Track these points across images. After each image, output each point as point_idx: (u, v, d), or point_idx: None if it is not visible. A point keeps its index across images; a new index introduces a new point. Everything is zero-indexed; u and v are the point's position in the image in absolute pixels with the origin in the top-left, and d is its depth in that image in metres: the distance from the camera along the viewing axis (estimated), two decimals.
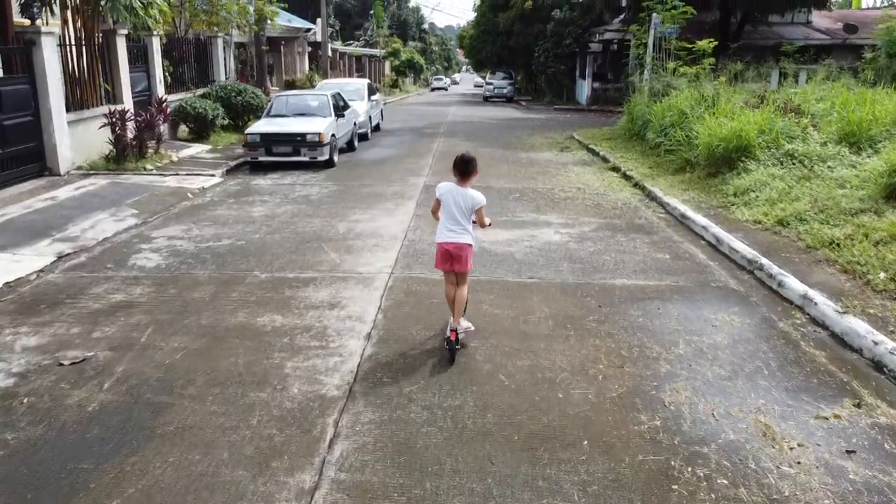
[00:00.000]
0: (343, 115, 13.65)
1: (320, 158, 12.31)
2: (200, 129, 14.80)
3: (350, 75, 39.98)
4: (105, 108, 11.50)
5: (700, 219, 8.41)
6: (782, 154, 10.02)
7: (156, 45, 13.86)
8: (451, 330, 4.59)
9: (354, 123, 15.29)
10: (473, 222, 4.72)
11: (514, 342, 4.87)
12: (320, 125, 12.47)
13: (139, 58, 13.66)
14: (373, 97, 18.15)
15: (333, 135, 12.86)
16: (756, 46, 26.10)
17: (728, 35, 25.60)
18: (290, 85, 32.20)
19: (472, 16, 52.20)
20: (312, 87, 33.16)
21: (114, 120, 11.07)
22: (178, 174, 11.35)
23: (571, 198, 10.19)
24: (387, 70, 56.69)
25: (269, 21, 18.71)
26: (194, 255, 6.98)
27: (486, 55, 43.25)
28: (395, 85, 52.62)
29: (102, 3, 10.95)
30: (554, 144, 17.08)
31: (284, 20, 35.33)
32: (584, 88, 32.34)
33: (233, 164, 12.56)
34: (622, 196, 10.39)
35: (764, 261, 6.60)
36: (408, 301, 5.68)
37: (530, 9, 35.21)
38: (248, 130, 12.48)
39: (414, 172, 12.29)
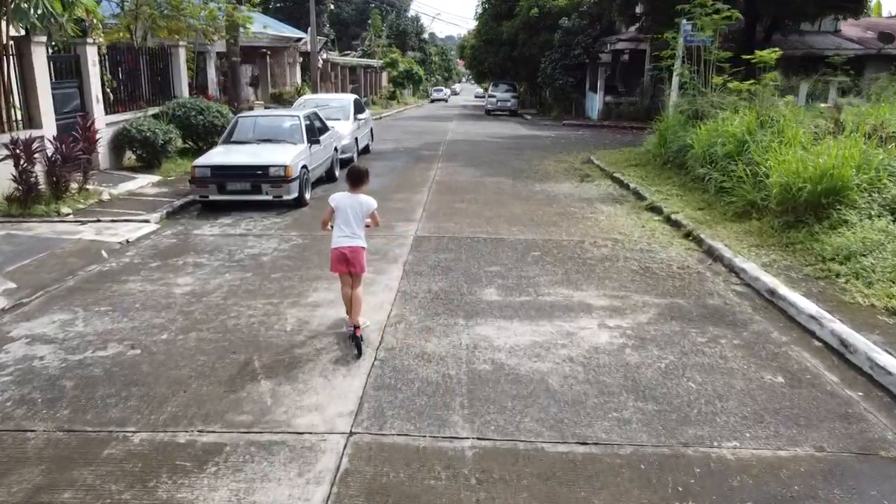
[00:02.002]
0: (318, 142, 11.18)
1: (287, 197, 9.84)
2: (150, 157, 12.36)
3: (344, 87, 37.68)
4: (11, 136, 9.03)
5: (801, 302, 5.91)
6: (890, 200, 7.58)
7: (90, 56, 11.40)
8: (355, 327, 4.98)
9: (335, 149, 12.83)
10: (367, 226, 5.18)
11: None
12: (287, 155, 10.00)
13: (69, 71, 11.23)
14: (360, 115, 15.72)
15: (305, 166, 10.40)
16: (783, 57, 23.75)
17: (753, 44, 23.24)
18: (277, 98, 29.86)
19: (473, 24, 50.01)
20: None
21: (17, 151, 8.61)
22: (101, 220, 8.88)
23: (609, 257, 7.71)
24: (384, 81, 54.41)
25: (242, 28, 16.30)
26: (48, 385, 4.47)
27: (489, 66, 40.94)
28: (392, 97, 50.32)
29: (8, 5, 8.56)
30: (571, 172, 14.62)
31: (272, 28, 33.08)
32: (595, 102, 29.97)
33: (179, 203, 10.08)
34: (674, 254, 7.91)
35: None
36: None
37: (536, 17, 32.91)
38: (197, 162, 10.01)
39: (404, 215, 9.82)
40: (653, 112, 28.12)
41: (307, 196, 10.44)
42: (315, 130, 11.58)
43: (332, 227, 5.10)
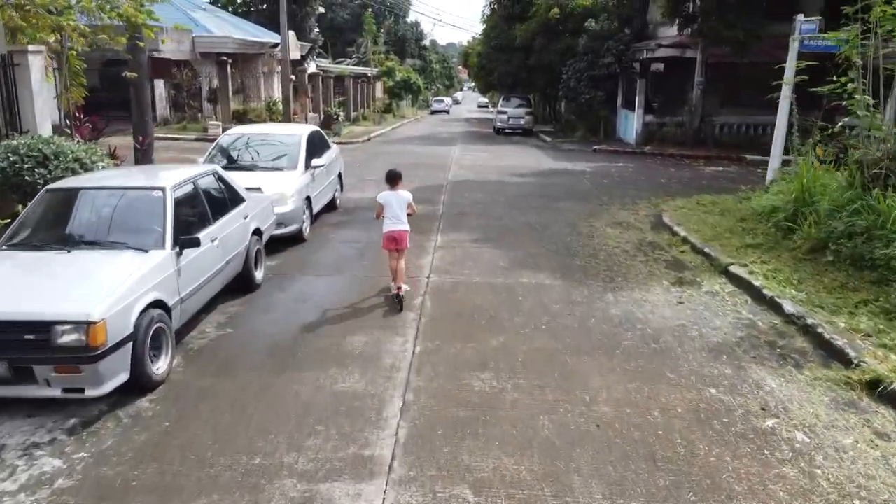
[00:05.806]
0: (198, 243, 5.64)
1: (92, 393, 4.40)
2: None
3: (327, 101, 32.27)
4: None
5: None
6: None
7: None
8: (398, 288, 6.65)
9: (258, 232, 7.37)
10: (409, 215, 6.90)
11: None
12: (101, 292, 4.53)
13: None
14: (317, 161, 10.11)
15: (159, 302, 4.94)
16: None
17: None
18: (240, 117, 24.40)
19: (478, 30, 44.71)
20: (272, 117, 25.36)
21: None
22: None
23: None
24: (379, 92, 49.06)
25: (143, 30, 10.75)
26: None
27: (499, 77, 35.53)
28: (387, 110, 44.93)
29: None
30: (648, 252, 9.14)
31: (241, 31, 27.78)
32: (632, 122, 24.50)
33: None
34: None
35: None
36: None
37: (556, 19, 27.54)
38: None
39: (349, 442, 4.36)
40: (704, 136, 22.79)
41: (162, 366, 4.97)
42: (204, 214, 6.13)
43: (383, 217, 6.82)
